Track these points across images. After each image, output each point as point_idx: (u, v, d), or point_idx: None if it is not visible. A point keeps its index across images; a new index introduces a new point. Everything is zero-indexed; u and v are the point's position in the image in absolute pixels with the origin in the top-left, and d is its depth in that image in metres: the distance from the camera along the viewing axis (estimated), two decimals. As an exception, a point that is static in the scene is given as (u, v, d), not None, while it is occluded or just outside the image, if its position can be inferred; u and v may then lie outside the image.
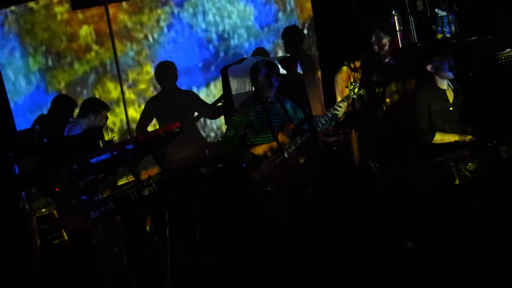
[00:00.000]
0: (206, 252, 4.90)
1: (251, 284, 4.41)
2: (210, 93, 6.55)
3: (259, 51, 6.67)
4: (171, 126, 4.28)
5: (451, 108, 4.87)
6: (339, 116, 5.02)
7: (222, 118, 6.50)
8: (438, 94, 4.87)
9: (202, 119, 6.54)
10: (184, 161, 5.89)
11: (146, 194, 3.87)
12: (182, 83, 6.39)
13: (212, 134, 6.60)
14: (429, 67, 4.86)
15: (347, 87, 5.15)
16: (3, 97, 5.64)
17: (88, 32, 6.04)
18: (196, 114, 6.48)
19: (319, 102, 6.74)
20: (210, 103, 6.52)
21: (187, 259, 4.80)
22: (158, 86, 6.33)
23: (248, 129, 5.01)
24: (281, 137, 4.90)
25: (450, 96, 4.90)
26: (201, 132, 6.53)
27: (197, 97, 6.45)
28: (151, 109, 6.24)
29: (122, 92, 6.12)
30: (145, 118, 6.22)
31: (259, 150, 4.96)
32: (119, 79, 6.13)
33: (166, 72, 6.31)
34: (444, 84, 4.89)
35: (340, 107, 4.96)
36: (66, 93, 5.94)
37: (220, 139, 5.88)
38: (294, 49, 6.75)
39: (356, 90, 4.98)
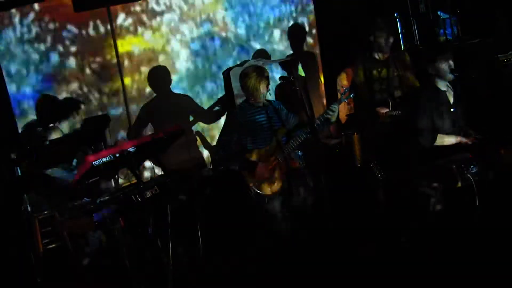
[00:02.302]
0: (207, 253, 4.90)
1: (251, 285, 4.42)
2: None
3: (261, 53, 6.66)
4: (173, 128, 4.30)
5: (452, 110, 4.87)
6: (332, 120, 4.97)
7: (222, 121, 6.48)
8: (438, 96, 4.87)
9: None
10: (179, 166, 5.86)
11: (148, 196, 3.88)
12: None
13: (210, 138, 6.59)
14: (430, 69, 4.86)
15: (338, 90, 5.14)
16: (5, 99, 5.65)
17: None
18: (191, 118, 6.45)
19: (321, 104, 6.74)
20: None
21: (188, 260, 4.80)
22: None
23: (241, 134, 5.00)
24: (275, 142, 4.90)
25: (451, 97, 4.90)
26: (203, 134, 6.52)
27: (191, 101, 6.38)
28: (146, 114, 6.21)
29: (124, 93, 6.10)
30: (139, 123, 6.18)
31: (253, 154, 4.95)
32: (121, 79, 6.11)
33: (159, 76, 6.28)
34: (444, 86, 4.89)
35: (332, 111, 4.90)
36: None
37: (214, 144, 5.86)
38: (297, 49, 6.75)
39: (346, 93, 4.98)
